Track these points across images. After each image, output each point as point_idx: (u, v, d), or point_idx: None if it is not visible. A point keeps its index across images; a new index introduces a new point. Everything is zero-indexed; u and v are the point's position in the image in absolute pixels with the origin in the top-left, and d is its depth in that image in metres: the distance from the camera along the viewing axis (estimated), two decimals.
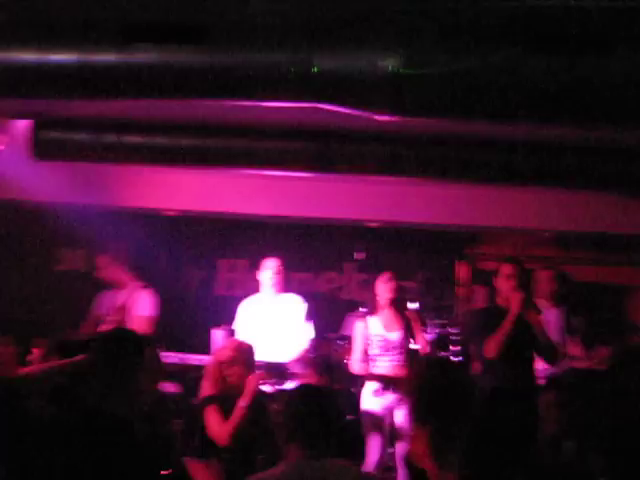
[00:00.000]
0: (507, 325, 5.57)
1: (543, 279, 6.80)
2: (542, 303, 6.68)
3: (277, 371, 6.05)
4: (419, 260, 8.34)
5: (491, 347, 5.61)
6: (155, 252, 7.70)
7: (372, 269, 8.08)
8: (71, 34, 3.80)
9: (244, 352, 4.99)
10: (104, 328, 6.53)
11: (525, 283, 5.79)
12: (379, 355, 6.13)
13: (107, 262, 6.84)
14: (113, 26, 3.74)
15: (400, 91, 3.53)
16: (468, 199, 7.24)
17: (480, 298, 8.14)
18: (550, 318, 6.59)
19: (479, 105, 3.69)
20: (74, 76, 3.79)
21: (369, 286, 7.32)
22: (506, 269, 5.70)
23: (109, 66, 3.73)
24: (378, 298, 6.22)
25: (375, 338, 6.13)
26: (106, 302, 6.79)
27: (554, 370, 6.05)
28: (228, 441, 4.65)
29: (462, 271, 8.45)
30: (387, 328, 6.16)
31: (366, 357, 6.14)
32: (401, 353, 6.11)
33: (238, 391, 4.83)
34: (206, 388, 5.06)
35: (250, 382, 4.81)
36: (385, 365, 6.10)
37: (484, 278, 7.38)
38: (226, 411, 4.74)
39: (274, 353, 6.26)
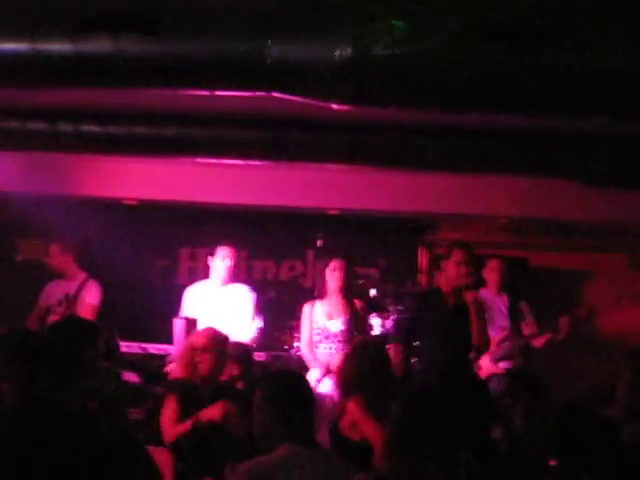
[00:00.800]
0: (448, 313, 5.69)
1: (491, 268, 6.91)
2: (490, 291, 6.81)
3: None
4: (380, 247, 8.39)
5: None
6: (115, 241, 7.68)
7: (334, 256, 8.13)
8: (24, 23, 3.78)
9: (219, 341, 4.98)
10: (53, 319, 6.54)
11: (474, 270, 5.86)
12: (319, 342, 6.16)
13: (57, 251, 6.87)
14: (67, 15, 3.73)
15: (353, 80, 3.56)
16: (426, 186, 7.29)
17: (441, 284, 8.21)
18: (498, 305, 6.73)
19: (433, 94, 3.73)
20: (28, 65, 3.77)
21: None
22: (456, 255, 5.75)
23: (63, 55, 3.71)
24: (327, 285, 6.25)
25: (315, 325, 6.17)
26: (54, 292, 6.82)
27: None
28: (173, 441, 4.53)
29: (423, 258, 8.52)
30: (329, 316, 6.17)
31: (311, 343, 6.19)
32: (341, 342, 6.09)
33: (206, 381, 4.82)
34: (175, 371, 5.05)
35: (216, 409, 4.71)
36: (324, 352, 6.13)
37: None
38: (187, 401, 4.71)
39: None
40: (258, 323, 6.71)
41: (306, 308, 6.28)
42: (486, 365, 6.38)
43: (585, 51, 3.53)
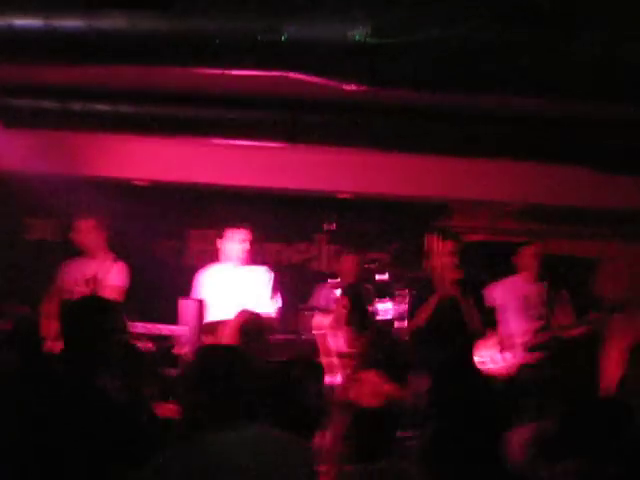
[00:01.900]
0: (431, 304, 5.70)
1: (527, 254, 6.75)
2: (524, 278, 6.69)
3: None
4: (390, 231, 8.36)
5: (412, 323, 5.80)
6: (125, 222, 7.64)
7: (343, 240, 8.11)
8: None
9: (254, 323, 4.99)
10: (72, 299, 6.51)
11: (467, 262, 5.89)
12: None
13: (89, 228, 6.74)
14: None
15: (368, 61, 3.53)
16: (439, 170, 7.24)
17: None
18: (531, 294, 6.61)
19: (448, 76, 3.70)
20: (40, 42, 3.75)
21: (339, 257, 7.39)
22: (447, 246, 5.78)
23: (76, 32, 3.70)
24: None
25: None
26: (73, 272, 6.73)
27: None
28: None
29: (432, 243, 8.46)
30: None
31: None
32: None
33: None
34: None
35: None
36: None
37: None
38: None
39: None
40: (277, 304, 6.67)
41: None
42: (514, 357, 6.30)
43: (604, 37, 3.51)
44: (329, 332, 6.14)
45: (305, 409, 4.79)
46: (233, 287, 6.46)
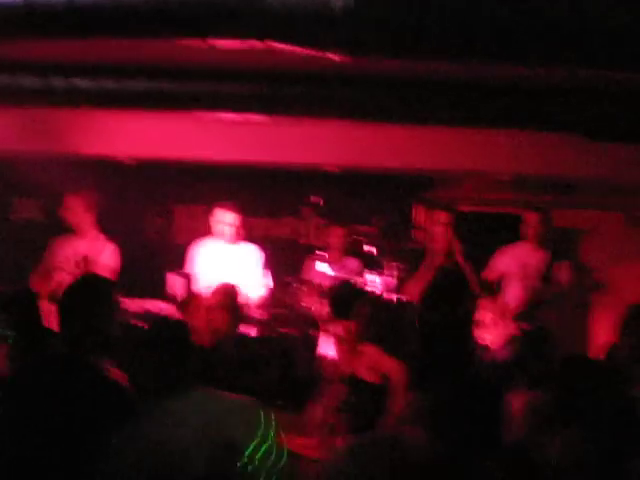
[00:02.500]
0: (423, 271, 5.73)
1: (530, 222, 6.68)
2: (527, 246, 6.65)
3: None
4: (377, 204, 8.35)
5: (409, 290, 5.83)
6: (111, 199, 7.60)
7: (330, 214, 8.09)
8: None
9: (230, 296, 4.98)
10: (63, 278, 6.47)
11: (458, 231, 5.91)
12: None
13: (79, 205, 6.68)
14: None
15: (350, 30, 3.49)
16: (425, 142, 7.21)
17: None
18: (531, 262, 6.57)
19: (432, 43, 3.67)
20: (19, 17, 3.70)
21: (327, 230, 7.38)
22: (441, 216, 5.84)
23: (54, 5, 3.64)
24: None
25: None
26: (63, 250, 6.68)
27: None
28: None
29: (420, 215, 8.47)
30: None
31: None
32: None
33: (219, 336, 4.82)
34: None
35: None
36: None
37: None
38: None
39: None
40: (267, 281, 6.68)
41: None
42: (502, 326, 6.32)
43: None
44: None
45: (293, 381, 4.81)
46: (223, 263, 6.48)
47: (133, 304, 6.56)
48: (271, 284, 6.74)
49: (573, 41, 3.54)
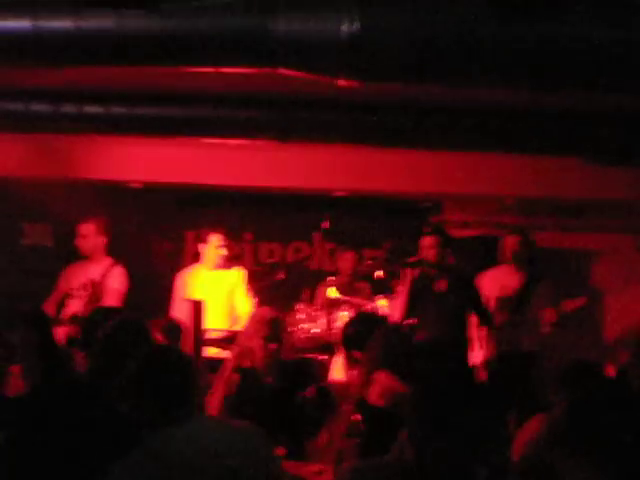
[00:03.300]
0: (404, 290, 5.87)
1: (508, 244, 6.77)
2: (505, 269, 6.72)
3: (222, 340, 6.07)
4: (386, 228, 8.35)
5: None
6: (121, 224, 7.62)
7: (338, 238, 8.08)
8: (25, 1, 3.74)
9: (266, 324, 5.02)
10: (75, 303, 6.49)
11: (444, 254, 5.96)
12: None
13: (93, 231, 6.73)
14: None
15: (358, 55, 3.51)
16: (432, 166, 7.22)
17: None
18: (510, 285, 6.62)
19: (437, 69, 3.69)
20: (28, 44, 3.73)
21: (336, 255, 7.38)
22: (428, 240, 5.91)
23: (63, 33, 3.67)
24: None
25: None
26: (75, 276, 6.71)
27: None
28: None
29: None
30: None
31: None
32: None
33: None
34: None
35: None
36: None
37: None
38: None
39: (215, 322, 6.29)
40: (253, 304, 6.69)
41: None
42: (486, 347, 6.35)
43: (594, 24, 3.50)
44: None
45: (300, 408, 4.80)
46: (210, 288, 6.52)
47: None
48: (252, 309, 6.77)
49: (580, 66, 3.56)
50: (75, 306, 6.44)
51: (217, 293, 6.50)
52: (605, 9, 3.43)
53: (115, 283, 6.63)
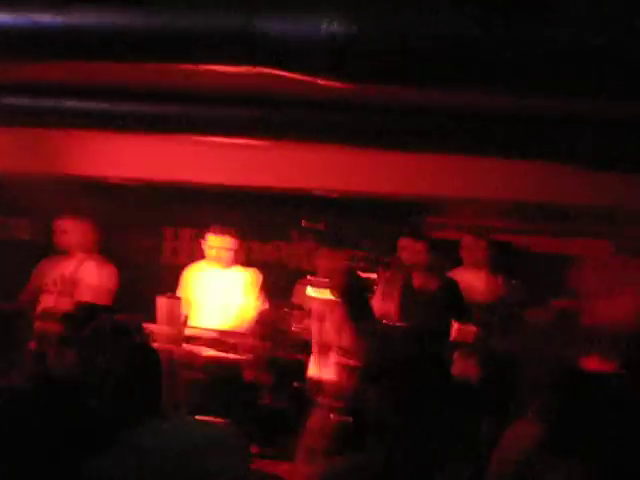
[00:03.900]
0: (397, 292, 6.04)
1: (470, 246, 6.84)
2: (469, 270, 6.76)
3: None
4: (369, 229, 8.35)
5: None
6: (98, 220, 7.58)
7: (321, 238, 8.07)
8: None
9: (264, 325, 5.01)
10: (49, 298, 6.44)
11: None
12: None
13: (70, 226, 6.68)
14: None
15: (342, 55, 3.49)
16: (419, 168, 7.21)
17: None
18: (478, 284, 6.67)
19: (423, 71, 3.67)
20: (8, 38, 3.69)
21: (316, 254, 7.36)
22: (417, 246, 5.94)
23: (45, 27, 3.64)
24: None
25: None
26: (50, 272, 6.66)
27: None
28: None
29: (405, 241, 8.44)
30: None
31: None
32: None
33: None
34: None
35: None
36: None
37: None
38: None
39: (220, 322, 6.23)
40: (263, 305, 6.66)
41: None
42: None
43: (582, 27, 3.49)
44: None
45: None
46: (216, 288, 6.46)
47: None
48: (267, 307, 6.74)
49: (573, 72, 3.55)
50: (48, 301, 6.39)
51: (220, 292, 6.44)
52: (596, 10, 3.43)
53: (104, 281, 6.59)
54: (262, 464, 4.28)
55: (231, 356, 5.35)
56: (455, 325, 6.03)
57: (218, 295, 6.32)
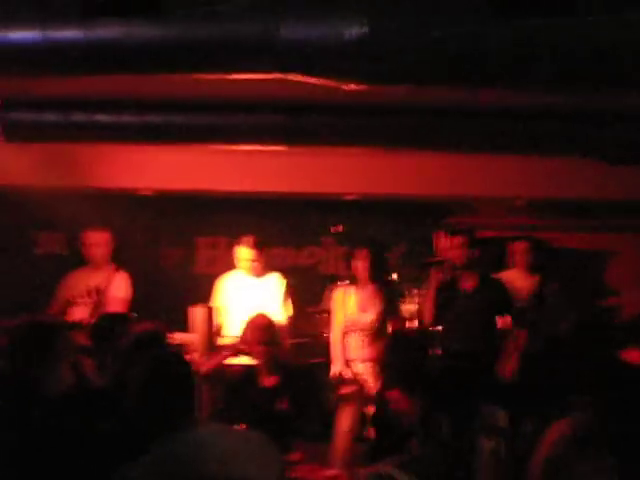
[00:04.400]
0: (430, 293, 5.89)
1: (518, 250, 6.85)
2: (516, 273, 6.77)
3: None
4: (398, 231, 8.34)
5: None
6: (133, 232, 7.65)
7: (351, 242, 8.08)
8: (34, 11, 3.76)
9: (263, 330, 5.03)
10: (79, 310, 6.50)
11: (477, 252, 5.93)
12: (347, 333, 6.15)
13: (99, 239, 6.75)
14: (75, 1, 3.70)
15: (366, 59, 3.51)
16: (443, 168, 7.22)
17: None
18: (522, 287, 6.66)
19: (445, 71, 3.68)
20: (37, 53, 3.75)
21: (348, 259, 7.34)
22: (456, 240, 5.87)
23: (72, 42, 3.69)
24: (356, 273, 6.23)
25: (346, 315, 6.14)
26: (77, 283, 6.72)
27: None
28: None
29: (440, 240, 8.43)
30: (361, 308, 6.17)
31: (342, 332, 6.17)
32: (370, 334, 6.11)
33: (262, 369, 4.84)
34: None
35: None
36: (353, 344, 6.13)
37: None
38: None
39: None
40: (290, 310, 6.68)
41: (338, 295, 6.25)
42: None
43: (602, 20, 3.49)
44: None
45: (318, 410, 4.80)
46: (248, 296, 6.48)
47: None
48: (292, 312, 6.74)
49: (587, 66, 3.55)
50: (79, 313, 6.44)
51: (254, 299, 6.47)
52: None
53: (118, 290, 6.64)
54: (302, 470, 4.29)
55: (248, 362, 5.36)
56: (500, 323, 5.99)
57: (250, 303, 6.34)
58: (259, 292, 6.57)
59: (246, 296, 6.51)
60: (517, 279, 6.73)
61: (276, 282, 6.69)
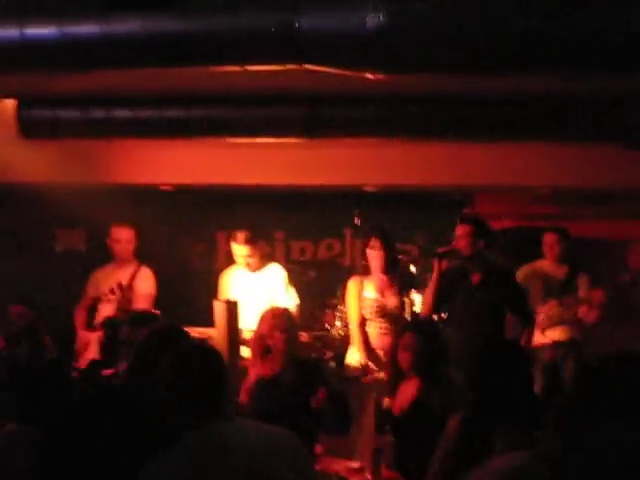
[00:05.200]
0: (432, 282, 5.79)
1: (547, 242, 6.80)
2: (549, 264, 6.72)
3: None
4: (418, 223, 8.29)
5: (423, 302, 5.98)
6: (152, 227, 7.64)
7: (371, 234, 8.03)
8: (51, 7, 3.76)
9: (282, 317, 5.01)
10: (107, 307, 6.52)
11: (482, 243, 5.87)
12: (371, 320, 6.11)
13: (125, 234, 6.78)
14: None
15: (385, 49, 3.49)
16: (462, 158, 7.15)
17: None
18: (554, 276, 6.65)
19: (465, 59, 3.65)
20: (54, 49, 3.75)
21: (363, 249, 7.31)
22: (459, 229, 5.82)
23: (90, 37, 3.69)
24: (370, 263, 6.20)
25: (369, 301, 6.11)
26: (105, 280, 6.73)
27: None
28: None
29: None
30: (381, 293, 6.14)
31: (362, 320, 6.13)
32: (393, 321, 6.07)
33: (283, 358, 4.84)
34: (255, 366, 5.04)
35: None
36: (375, 332, 6.09)
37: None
38: None
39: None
40: (294, 299, 6.65)
41: (353, 284, 6.21)
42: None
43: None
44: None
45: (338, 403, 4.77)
46: (250, 289, 6.49)
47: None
48: (298, 302, 6.73)
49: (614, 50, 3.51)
50: (107, 310, 6.46)
51: (256, 293, 6.47)
52: None
53: (143, 286, 6.66)
54: (325, 461, 4.27)
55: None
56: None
57: (255, 297, 6.35)
58: (261, 285, 6.58)
59: (250, 290, 6.52)
60: (550, 270, 6.72)
61: (277, 273, 6.70)
